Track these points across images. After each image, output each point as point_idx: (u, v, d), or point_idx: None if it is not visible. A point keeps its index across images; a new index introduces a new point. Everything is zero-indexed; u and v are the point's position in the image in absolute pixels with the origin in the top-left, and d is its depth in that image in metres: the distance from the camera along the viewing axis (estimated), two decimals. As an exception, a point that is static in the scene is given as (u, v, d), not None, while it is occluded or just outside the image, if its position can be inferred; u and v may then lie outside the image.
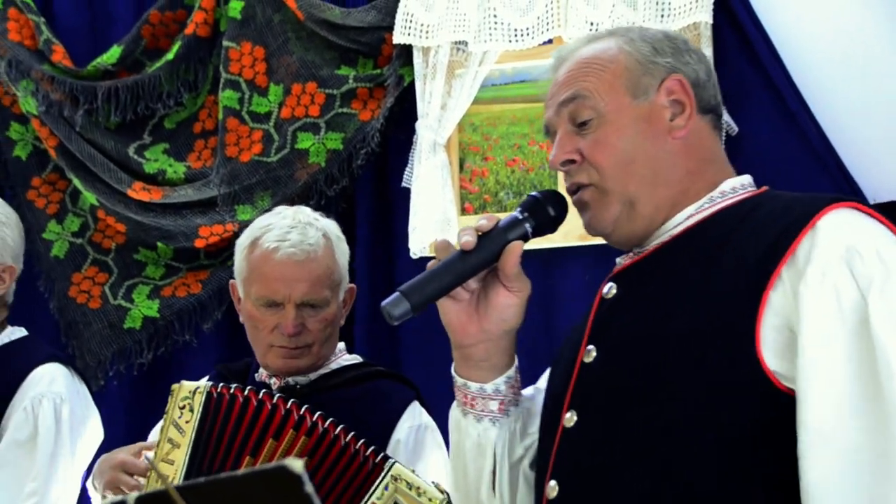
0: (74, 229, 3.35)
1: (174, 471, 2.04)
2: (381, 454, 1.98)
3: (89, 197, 3.27)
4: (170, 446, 2.07)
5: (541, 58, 2.91)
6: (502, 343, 1.54)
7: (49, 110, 3.27)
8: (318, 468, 1.96)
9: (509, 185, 2.99)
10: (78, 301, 3.31)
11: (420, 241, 2.94)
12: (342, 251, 2.31)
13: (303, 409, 2.02)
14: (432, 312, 3.00)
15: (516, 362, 1.58)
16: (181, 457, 2.05)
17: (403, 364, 3.04)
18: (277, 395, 2.07)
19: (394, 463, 1.96)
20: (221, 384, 2.08)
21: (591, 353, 1.48)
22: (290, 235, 2.22)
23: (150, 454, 2.11)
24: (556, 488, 1.44)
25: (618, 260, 1.57)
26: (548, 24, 2.83)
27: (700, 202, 1.51)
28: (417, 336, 3.02)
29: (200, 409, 2.05)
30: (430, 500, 1.88)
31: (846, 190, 2.57)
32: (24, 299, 3.35)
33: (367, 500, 1.94)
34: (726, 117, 2.70)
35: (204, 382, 2.11)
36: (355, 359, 2.37)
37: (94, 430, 2.63)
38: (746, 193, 1.52)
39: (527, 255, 1.54)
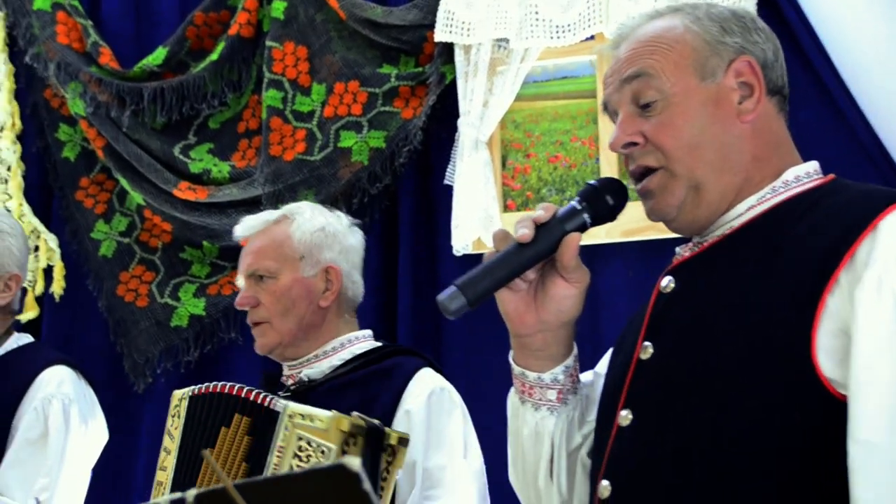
0: (122, 229, 3.40)
1: (166, 476, 2.10)
2: (270, 398, 1.99)
3: (136, 197, 3.31)
4: (164, 454, 2.14)
5: (583, 54, 2.91)
6: (560, 333, 1.52)
7: (97, 111, 3.32)
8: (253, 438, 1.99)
9: (552, 181, 2.99)
10: (126, 300, 3.35)
11: (463, 239, 2.95)
12: (306, 230, 2.32)
13: (254, 393, 2.03)
14: (471, 312, 3.02)
15: (575, 351, 1.56)
16: (171, 463, 2.10)
17: (446, 360, 3.05)
18: (262, 393, 2.05)
19: (284, 403, 1.96)
20: (205, 385, 2.10)
21: (647, 350, 1.45)
22: (251, 219, 2.37)
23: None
24: (609, 488, 1.43)
25: (677, 250, 1.53)
26: (589, 20, 2.83)
27: (762, 192, 1.45)
28: (460, 334, 3.03)
29: (184, 415, 2.10)
30: (321, 420, 1.88)
31: (893, 184, 2.54)
32: (73, 298, 3.42)
33: (273, 447, 1.94)
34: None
35: (190, 388, 2.14)
36: (372, 345, 2.35)
37: (99, 431, 2.69)
38: (811, 183, 1.47)
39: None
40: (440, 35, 2.96)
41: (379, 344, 2.36)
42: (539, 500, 1.60)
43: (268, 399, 1.99)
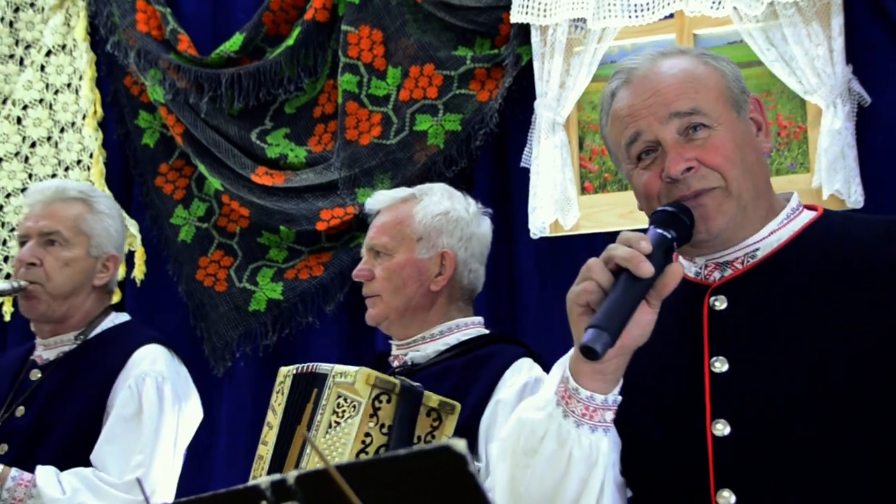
0: (200, 214, 3.43)
1: (266, 451, 2.11)
2: (314, 364, 2.05)
3: (214, 182, 3.34)
4: (267, 429, 2.16)
5: (661, 33, 2.87)
6: (629, 357, 1.55)
7: (175, 98, 3.36)
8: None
9: (630, 163, 2.95)
10: (205, 284, 3.39)
11: (540, 221, 2.93)
12: (429, 212, 2.34)
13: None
14: (547, 295, 2.99)
15: None
16: (272, 438, 2.11)
17: (520, 334, 3.03)
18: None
19: (329, 366, 2.00)
20: (307, 365, 2.12)
21: (720, 364, 1.55)
22: (382, 193, 2.46)
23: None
24: (733, 497, 1.51)
25: (694, 270, 1.64)
26: (669, -3, 2.78)
27: (779, 217, 1.63)
28: (534, 318, 3.02)
29: (288, 392, 2.12)
30: (350, 375, 1.93)
31: None
32: (154, 283, 3.47)
33: (319, 406, 1.97)
34: (858, 87, 2.62)
35: (293, 366, 2.16)
36: (480, 332, 2.36)
37: (194, 408, 2.73)
38: (810, 212, 1.66)
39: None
40: (516, 16, 2.93)
41: (486, 331, 2.36)
42: None
43: (308, 366, 2.05)
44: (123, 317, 2.80)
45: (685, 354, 1.59)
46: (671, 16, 2.80)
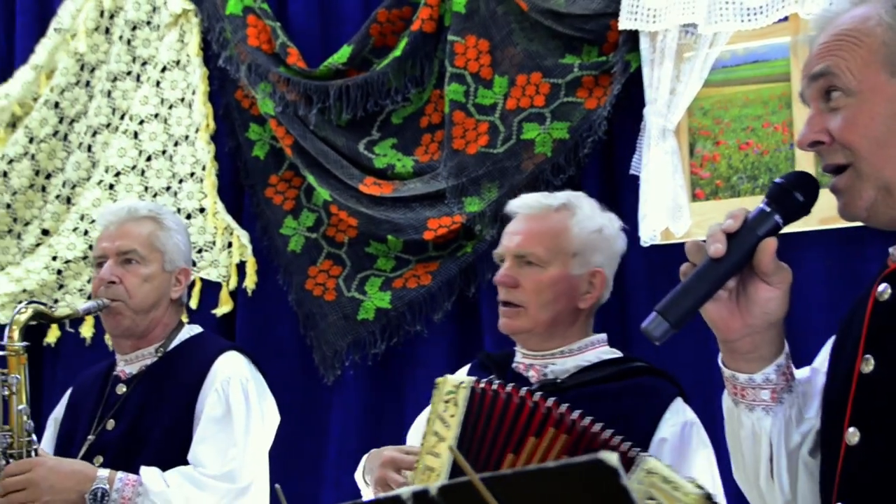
0: (309, 224, 3.48)
1: (440, 464, 2.06)
2: (635, 449, 1.92)
3: (323, 193, 3.38)
4: (435, 439, 2.09)
5: (775, 36, 2.82)
6: (769, 334, 1.48)
7: (285, 111, 3.41)
8: None
9: (742, 168, 2.90)
10: (314, 294, 3.43)
11: (651, 229, 2.90)
12: (585, 227, 2.30)
13: (562, 407, 1.99)
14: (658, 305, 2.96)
15: (786, 349, 1.52)
16: (445, 450, 2.08)
17: (631, 346, 3.00)
18: (538, 393, 2.04)
19: (648, 457, 1.92)
20: (484, 380, 2.08)
21: (868, 363, 1.42)
22: (529, 197, 2.37)
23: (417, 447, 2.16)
24: None
25: (891, 251, 1.47)
26: (783, 0, 2.72)
27: None
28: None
29: (465, 404, 2.07)
30: (685, 494, 1.83)
31: None
32: (265, 293, 3.53)
33: None
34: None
35: (465, 377, 2.13)
36: (614, 352, 2.32)
37: (273, 412, 2.83)
38: None
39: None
40: (625, 23, 2.91)
41: (617, 352, 2.33)
42: (763, 499, 1.57)
43: (624, 444, 1.92)
44: (197, 328, 2.91)
45: (853, 351, 1.47)
46: (786, 18, 2.75)
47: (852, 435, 1.41)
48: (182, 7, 3.60)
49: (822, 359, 1.61)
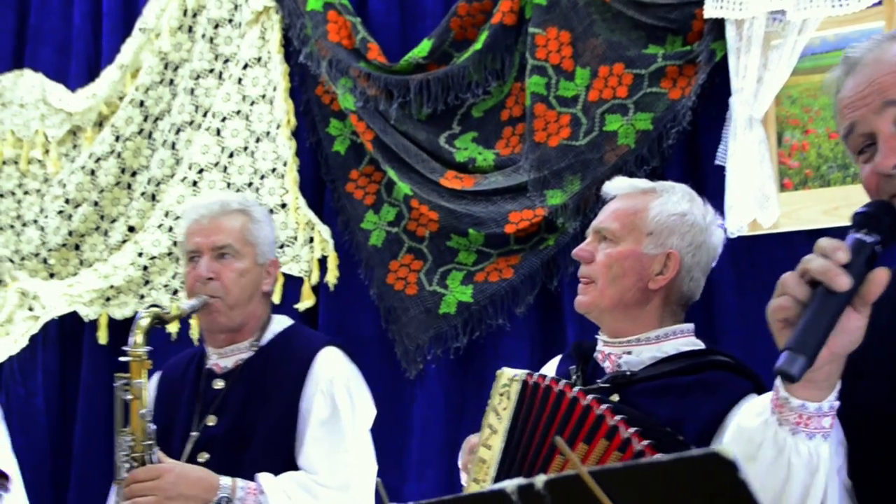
0: (390, 219, 3.49)
1: (491, 456, 2.08)
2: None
3: (403, 187, 3.39)
4: (489, 431, 2.11)
5: (866, 21, 2.74)
6: (843, 362, 1.47)
7: (365, 105, 3.42)
8: None
9: (832, 158, 2.83)
10: (395, 288, 3.43)
11: (737, 220, 2.84)
12: (666, 210, 2.28)
13: (616, 418, 1.97)
14: (745, 296, 2.89)
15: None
16: (498, 442, 2.08)
17: (718, 338, 2.95)
18: (590, 396, 2.02)
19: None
20: (538, 374, 2.07)
21: None
22: (622, 179, 2.39)
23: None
24: None
25: None
26: (876, -16, 2.65)
27: None
28: (733, 323, 2.93)
29: (516, 398, 2.08)
30: None
31: None
32: (346, 287, 3.55)
33: None
34: None
35: (520, 371, 2.13)
36: (696, 344, 2.26)
37: (372, 406, 2.87)
38: None
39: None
40: (710, 11, 2.86)
41: (702, 344, 2.27)
42: None
43: None
44: (287, 320, 2.92)
45: None
46: (879, 2, 2.67)
47: None
48: (263, 4, 3.64)
49: None
